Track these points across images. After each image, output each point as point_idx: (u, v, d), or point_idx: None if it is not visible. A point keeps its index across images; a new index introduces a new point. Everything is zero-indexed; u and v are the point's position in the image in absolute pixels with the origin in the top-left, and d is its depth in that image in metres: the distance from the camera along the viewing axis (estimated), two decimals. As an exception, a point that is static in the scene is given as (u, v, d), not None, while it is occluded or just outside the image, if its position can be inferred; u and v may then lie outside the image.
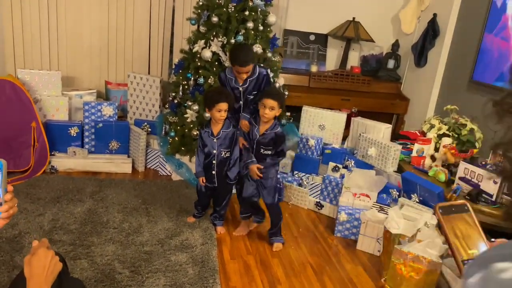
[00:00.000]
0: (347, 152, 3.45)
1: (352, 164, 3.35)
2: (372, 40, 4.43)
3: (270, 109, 2.51)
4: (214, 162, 2.65)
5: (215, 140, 2.62)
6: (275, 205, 2.69)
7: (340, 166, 3.32)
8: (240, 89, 2.76)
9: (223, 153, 2.64)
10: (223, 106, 2.53)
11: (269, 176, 2.63)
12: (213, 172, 2.67)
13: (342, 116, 3.55)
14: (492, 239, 0.87)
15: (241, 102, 2.78)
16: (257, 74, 2.76)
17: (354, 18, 4.38)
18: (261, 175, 2.57)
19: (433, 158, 3.17)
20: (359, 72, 4.49)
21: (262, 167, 2.58)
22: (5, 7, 3.80)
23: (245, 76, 2.71)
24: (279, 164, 2.74)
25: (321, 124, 3.57)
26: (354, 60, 4.73)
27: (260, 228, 2.90)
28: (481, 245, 0.82)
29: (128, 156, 3.66)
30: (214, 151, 2.63)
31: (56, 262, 1.11)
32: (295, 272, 2.47)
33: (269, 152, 2.60)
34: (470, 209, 0.85)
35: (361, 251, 2.78)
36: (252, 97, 2.78)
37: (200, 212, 2.87)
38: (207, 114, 2.80)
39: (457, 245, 0.82)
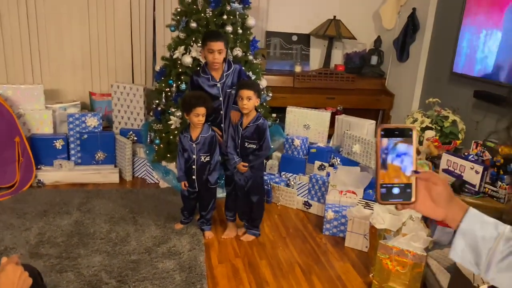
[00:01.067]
0: (332, 150, 3.46)
1: (338, 162, 3.36)
2: (354, 38, 4.45)
3: (247, 99, 2.54)
4: (194, 167, 2.66)
5: (194, 145, 2.62)
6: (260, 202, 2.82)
7: (326, 164, 3.33)
8: (218, 84, 2.75)
9: (203, 158, 2.65)
10: (201, 110, 2.53)
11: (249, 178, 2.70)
12: (194, 177, 2.68)
13: (326, 115, 3.57)
14: (418, 171, 0.85)
15: (220, 99, 2.76)
16: (232, 68, 2.76)
17: (335, 16, 4.41)
18: (247, 165, 2.65)
19: (417, 151, 3.19)
20: (343, 70, 4.51)
21: (247, 164, 2.64)
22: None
23: (217, 56, 2.63)
24: (263, 163, 2.79)
25: (306, 124, 3.58)
26: (337, 58, 4.75)
27: (248, 230, 2.90)
28: (407, 172, 0.83)
29: (115, 166, 3.66)
30: (194, 156, 2.64)
31: (26, 278, 1.11)
32: (283, 273, 2.48)
33: (254, 146, 2.64)
34: (414, 135, 0.83)
35: (350, 248, 2.78)
36: (231, 91, 2.76)
37: (187, 218, 2.87)
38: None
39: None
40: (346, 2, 4.53)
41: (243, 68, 2.96)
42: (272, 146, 3.48)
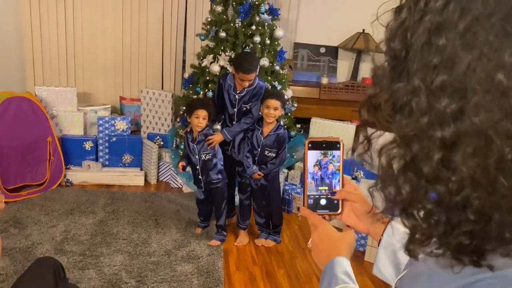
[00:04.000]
0: (356, 163, 3.43)
1: (362, 175, 3.34)
2: (382, 51, 4.42)
3: (274, 109, 2.59)
4: (198, 167, 2.71)
5: (194, 146, 2.67)
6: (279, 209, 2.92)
7: (349, 177, 3.31)
8: (236, 96, 2.80)
9: (203, 156, 2.69)
10: (201, 112, 2.57)
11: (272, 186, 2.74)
12: (200, 177, 2.73)
13: (351, 127, 3.56)
14: (334, 191, 0.86)
15: (235, 110, 2.81)
16: (255, 85, 2.77)
17: (364, 30, 4.40)
18: (262, 174, 2.69)
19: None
20: (370, 83, 4.47)
21: (262, 174, 2.69)
22: (25, 27, 3.99)
23: (247, 84, 2.71)
24: (278, 171, 2.84)
25: (330, 136, 3.57)
26: (365, 71, 4.73)
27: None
28: (336, 181, 0.85)
29: (141, 169, 3.74)
30: (196, 157, 2.69)
31: None
32: (300, 283, 2.47)
33: (273, 155, 2.69)
34: (342, 147, 0.84)
35: (369, 263, 2.75)
36: (246, 108, 2.80)
37: (203, 222, 2.91)
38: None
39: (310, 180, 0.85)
40: (376, 16, 4.51)
41: (266, 83, 2.99)
42: (295, 157, 3.50)
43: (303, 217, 3.33)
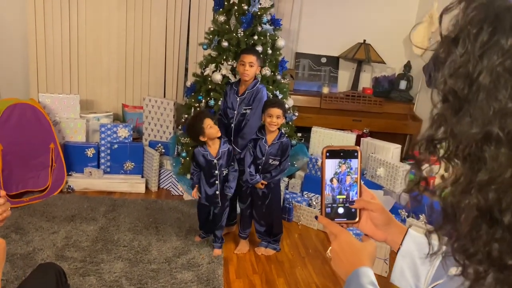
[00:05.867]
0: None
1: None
2: (383, 62, 4.47)
3: (276, 118, 2.62)
4: (217, 182, 2.69)
5: (215, 161, 2.65)
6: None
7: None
8: (238, 99, 2.83)
9: (224, 172, 2.68)
10: (209, 121, 2.57)
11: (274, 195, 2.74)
12: (217, 192, 2.71)
13: (351, 137, 3.58)
14: (352, 200, 0.87)
15: (235, 112, 2.84)
16: (255, 88, 2.81)
17: (364, 40, 4.44)
18: (265, 183, 2.70)
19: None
20: (371, 93, 4.51)
21: (266, 183, 2.70)
22: (30, 35, 4.03)
23: (248, 69, 2.71)
24: (279, 180, 2.87)
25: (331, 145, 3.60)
26: (366, 81, 4.77)
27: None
28: (353, 192, 0.85)
29: (142, 176, 3.76)
30: (216, 172, 2.67)
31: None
32: (300, 292, 2.47)
33: (277, 163, 2.71)
34: (359, 155, 0.85)
35: (369, 272, 2.75)
36: (246, 111, 2.81)
37: (205, 233, 2.91)
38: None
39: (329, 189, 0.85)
40: (377, 27, 4.56)
41: (266, 89, 3.01)
42: (296, 165, 3.52)
43: (304, 225, 3.35)
